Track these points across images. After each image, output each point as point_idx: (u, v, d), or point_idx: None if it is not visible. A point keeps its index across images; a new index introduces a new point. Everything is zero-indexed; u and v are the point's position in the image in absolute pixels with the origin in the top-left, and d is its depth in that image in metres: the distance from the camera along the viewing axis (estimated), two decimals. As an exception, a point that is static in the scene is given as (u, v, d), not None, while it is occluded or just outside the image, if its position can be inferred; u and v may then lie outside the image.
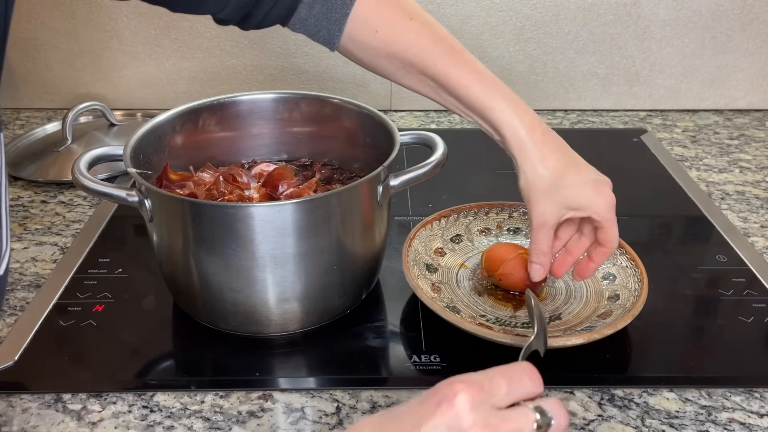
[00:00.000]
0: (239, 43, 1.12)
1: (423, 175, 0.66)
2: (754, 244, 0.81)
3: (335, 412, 0.58)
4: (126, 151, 0.64)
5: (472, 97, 0.63)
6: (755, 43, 1.13)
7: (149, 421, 0.57)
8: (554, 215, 0.62)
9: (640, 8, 1.10)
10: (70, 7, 1.10)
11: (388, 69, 0.66)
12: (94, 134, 1.01)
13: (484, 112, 0.63)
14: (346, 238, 0.64)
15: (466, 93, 0.63)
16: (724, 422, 0.57)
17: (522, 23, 1.12)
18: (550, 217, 0.62)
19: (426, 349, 0.63)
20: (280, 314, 0.64)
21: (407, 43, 0.63)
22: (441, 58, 0.63)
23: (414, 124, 1.14)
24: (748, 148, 1.06)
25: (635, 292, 0.66)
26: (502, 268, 0.67)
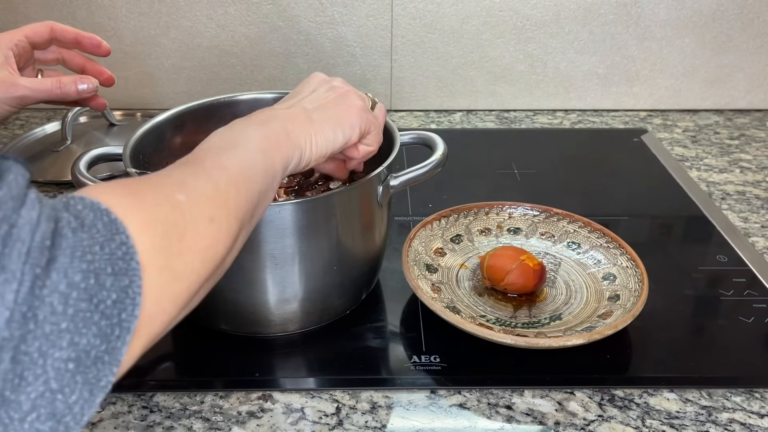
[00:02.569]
0: (239, 43, 1.12)
1: (423, 175, 0.66)
2: (755, 245, 0.81)
3: (335, 412, 0.57)
4: (126, 151, 0.64)
5: None
6: (756, 43, 1.13)
7: (149, 422, 0.56)
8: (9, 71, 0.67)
9: (641, 8, 1.10)
10: (70, 7, 1.09)
11: None
12: (94, 134, 1.01)
13: None
14: (346, 238, 0.64)
15: None
16: (725, 422, 0.57)
17: (522, 23, 1.11)
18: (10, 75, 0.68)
19: (426, 349, 0.63)
20: (280, 314, 0.64)
21: None
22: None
23: (414, 124, 1.13)
24: (749, 148, 1.06)
25: (635, 293, 0.66)
26: (507, 278, 0.67)
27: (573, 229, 0.76)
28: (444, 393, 0.59)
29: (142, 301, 0.33)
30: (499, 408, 0.58)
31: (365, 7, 1.10)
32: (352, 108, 0.57)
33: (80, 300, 0.31)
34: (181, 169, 0.44)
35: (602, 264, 0.72)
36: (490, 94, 1.17)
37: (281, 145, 0.50)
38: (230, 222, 0.42)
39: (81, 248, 0.31)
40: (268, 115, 0.53)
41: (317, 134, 0.53)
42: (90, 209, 0.33)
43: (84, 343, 0.31)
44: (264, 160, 0.48)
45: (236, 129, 0.50)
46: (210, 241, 0.40)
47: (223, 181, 0.43)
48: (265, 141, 0.49)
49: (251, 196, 0.45)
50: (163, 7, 1.09)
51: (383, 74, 1.15)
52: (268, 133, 0.50)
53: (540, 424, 0.56)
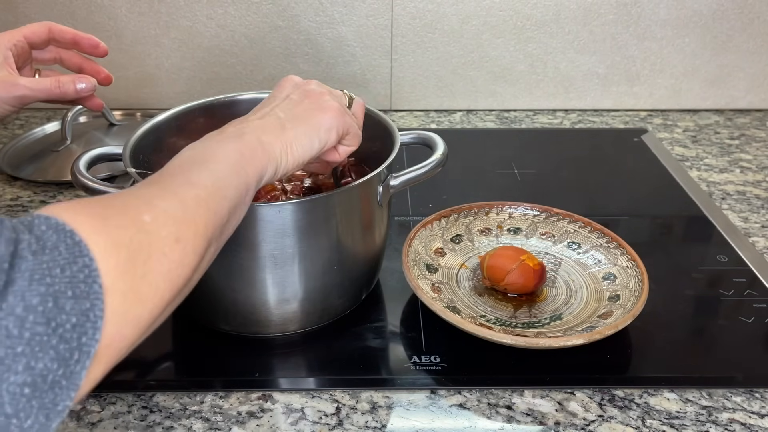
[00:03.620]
0: (239, 42, 1.12)
1: (423, 175, 0.66)
2: (755, 244, 0.81)
3: (335, 412, 0.57)
4: (125, 151, 0.64)
5: None
6: (756, 43, 1.12)
7: (149, 422, 0.56)
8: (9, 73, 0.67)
9: (641, 8, 1.10)
10: (70, 7, 1.09)
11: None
12: (94, 134, 1.01)
13: None
14: (346, 238, 0.64)
15: None
16: (725, 423, 0.57)
17: (522, 23, 1.11)
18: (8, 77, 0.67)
19: (426, 349, 0.63)
20: (280, 314, 0.64)
21: None
22: None
23: (414, 124, 1.13)
24: (749, 148, 1.06)
25: (636, 293, 0.66)
26: (507, 278, 0.67)
27: (573, 229, 0.76)
28: (444, 393, 0.59)
29: (104, 325, 0.33)
30: (499, 408, 0.58)
31: (365, 7, 1.10)
32: (327, 111, 0.56)
33: (37, 324, 0.30)
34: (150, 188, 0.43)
35: (602, 264, 0.72)
36: (490, 94, 1.17)
37: (255, 158, 0.49)
38: (197, 241, 0.41)
39: (40, 271, 0.31)
40: (241, 128, 0.52)
41: (293, 143, 0.53)
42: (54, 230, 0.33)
43: (40, 367, 0.30)
44: (237, 175, 0.47)
45: (208, 143, 0.49)
46: (175, 263, 0.39)
47: (192, 199, 0.42)
48: (238, 155, 0.48)
49: (221, 212, 0.45)
50: (163, 7, 1.09)
51: (383, 74, 1.15)
52: (241, 147, 0.49)
53: (540, 424, 0.56)
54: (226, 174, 0.46)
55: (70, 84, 0.68)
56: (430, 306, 0.63)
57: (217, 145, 0.49)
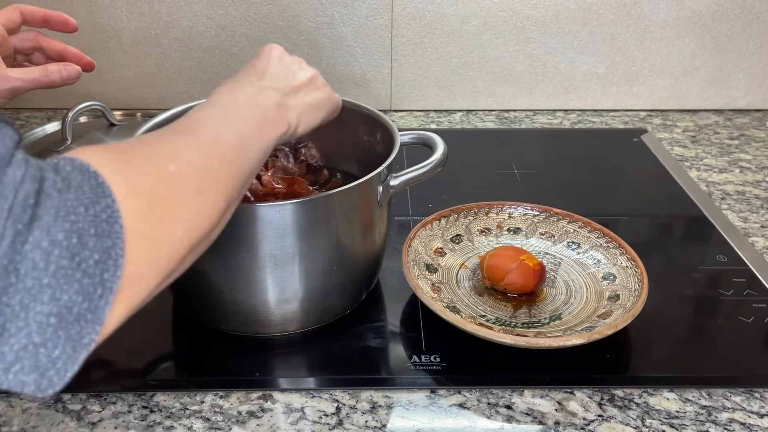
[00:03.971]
0: (239, 43, 1.12)
1: (423, 175, 0.66)
2: (755, 244, 0.81)
3: (335, 412, 0.58)
4: (126, 151, 0.64)
5: None
6: (755, 43, 1.13)
7: (149, 421, 0.57)
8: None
9: (641, 8, 1.10)
10: (70, 7, 1.09)
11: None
12: (94, 134, 1.01)
13: None
14: (346, 238, 0.64)
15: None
16: (725, 422, 0.57)
17: (522, 23, 1.12)
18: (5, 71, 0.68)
19: (426, 349, 0.63)
20: (280, 314, 0.64)
21: None
22: None
23: (414, 124, 1.14)
24: (749, 148, 1.06)
25: (635, 292, 0.66)
26: (506, 278, 0.67)
27: (573, 229, 0.76)
28: (444, 393, 0.59)
29: (124, 264, 0.34)
30: (499, 408, 0.58)
31: (365, 7, 1.10)
32: (324, 90, 0.60)
33: (62, 257, 0.31)
34: (178, 137, 0.44)
35: (602, 264, 0.72)
36: (490, 94, 1.17)
37: (277, 122, 0.51)
38: (217, 197, 0.42)
39: (65, 208, 0.32)
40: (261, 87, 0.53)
41: (304, 113, 0.56)
42: (79, 171, 0.34)
43: (66, 299, 0.31)
44: (259, 137, 0.49)
45: (231, 98, 0.51)
46: (194, 214, 0.40)
47: (217, 154, 0.43)
48: (261, 117, 0.50)
49: (243, 172, 0.46)
50: (163, 7, 1.09)
51: (383, 74, 1.15)
52: (263, 110, 0.51)
53: (540, 423, 0.56)
54: (250, 135, 0.48)
55: (57, 72, 0.70)
56: (430, 306, 0.63)
57: (242, 102, 0.50)
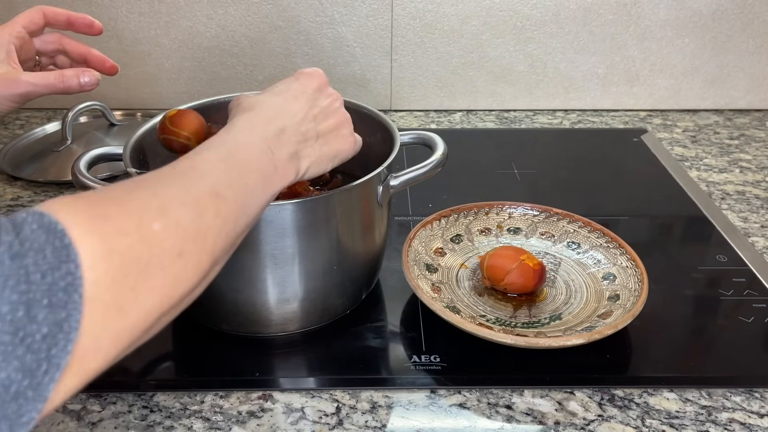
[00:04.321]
0: (239, 43, 1.12)
1: (423, 175, 0.66)
2: (755, 244, 0.81)
3: (335, 412, 0.58)
4: (126, 151, 0.64)
5: None
6: (755, 43, 1.13)
7: (149, 422, 0.57)
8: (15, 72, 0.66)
9: (641, 8, 1.10)
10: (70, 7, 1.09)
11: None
12: (94, 134, 1.01)
13: None
14: (346, 238, 0.64)
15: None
16: (725, 422, 0.57)
17: (522, 23, 1.12)
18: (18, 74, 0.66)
19: (426, 349, 0.63)
20: (280, 314, 0.64)
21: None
22: None
23: (414, 124, 1.14)
24: (749, 148, 1.06)
25: (635, 292, 0.66)
26: (506, 278, 0.67)
27: (573, 229, 0.76)
28: (444, 393, 0.59)
29: (78, 337, 0.31)
30: (499, 408, 0.58)
31: (365, 7, 1.10)
32: (347, 143, 0.57)
33: (2, 332, 0.28)
34: (169, 188, 0.39)
35: (602, 264, 0.72)
36: (490, 94, 1.17)
37: (286, 172, 0.49)
38: (202, 258, 0.38)
39: (16, 276, 0.29)
40: (281, 129, 0.50)
41: (317, 162, 0.53)
42: (45, 230, 0.31)
43: (2, 377, 0.28)
44: (263, 189, 0.46)
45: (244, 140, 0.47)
46: (172, 278, 0.36)
47: (212, 212, 0.40)
48: (272, 167, 0.47)
49: (237, 230, 0.42)
50: (163, 7, 1.09)
51: (383, 74, 1.15)
52: (277, 158, 0.47)
53: (540, 423, 0.56)
54: (254, 189, 0.45)
55: (74, 78, 0.68)
56: (430, 306, 0.63)
57: (255, 149, 0.46)
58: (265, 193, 0.46)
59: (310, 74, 0.57)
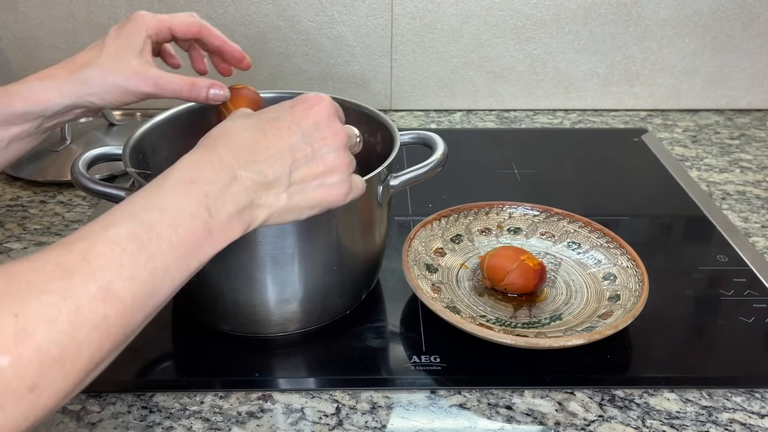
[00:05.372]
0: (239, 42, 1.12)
1: (423, 175, 0.66)
2: (755, 244, 0.81)
3: (335, 412, 0.57)
4: (125, 151, 0.64)
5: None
6: (756, 43, 1.12)
7: (148, 422, 0.56)
8: (145, 67, 0.60)
9: (641, 8, 1.10)
10: (70, 7, 1.09)
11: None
12: (94, 134, 1.01)
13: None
14: (346, 238, 0.64)
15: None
16: (725, 423, 0.57)
17: (522, 23, 1.11)
18: (147, 72, 0.60)
19: (426, 350, 0.63)
20: (280, 314, 0.64)
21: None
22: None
23: (414, 124, 1.13)
24: (749, 147, 1.06)
25: (636, 293, 0.66)
26: (507, 278, 0.67)
27: (573, 229, 0.76)
28: (444, 393, 0.59)
29: None
30: (499, 408, 0.58)
31: (365, 6, 1.10)
32: (331, 195, 0.49)
33: None
34: (44, 295, 0.32)
35: (602, 264, 0.72)
36: (490, 94, 1.17)
37: (227, 231, 0.41)
38: (67, 380, 0.32)
39: None
40: (232, 176, 0.42)
41: (280, 213, 0.46)
42: None
43: None
44: (187, 263, 0.39)
45: (174, 207, 0.39)
46: (14, 419, 0.30)
47: (94, 322, 0.33)
48: (205, 232, 0.39)
49: (135, 322, 0.36)
50: (163, 6, 1.09)
51: (383, 74, 1.15)
52: (216, 219, 0.40)
53: (540, 424, 0.56)
54: (171, 267, 0.37)
55: (204, 90, 0.62)
56: (430, 306, 0.63)
57: (187, 211, 0.38)
58: (190, 265, 0.39)
59: (312, 104, 0.49)
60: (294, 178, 0.46)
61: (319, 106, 0.49)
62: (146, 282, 0.36)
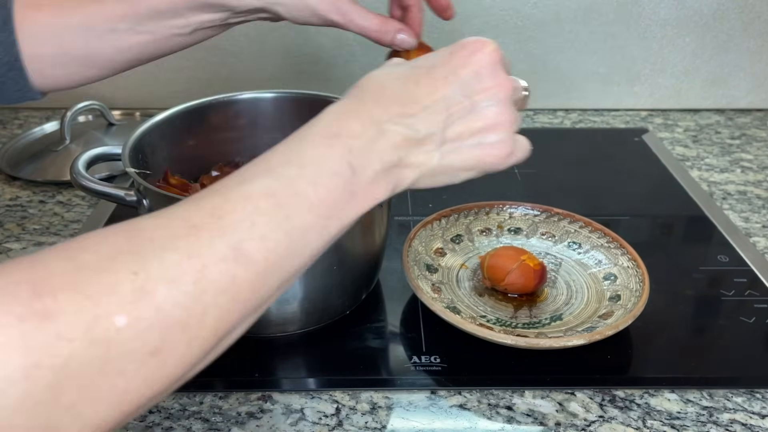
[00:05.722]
0: (239, 42, 1.12)
1: (423, 174, 0.66)
2: (756, 245, 0.80)
3: (335, 413, 0.57)
4: (124, 151, 0.64)
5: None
6: (756, 43, 1.12)
7: (148, 422, 0.56)
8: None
9: (641, 7, 1.10)
10: (70, 7, 1.09)
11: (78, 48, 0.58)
12: (93, 134, 1.01)
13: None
14: (345, 238, 0.63)
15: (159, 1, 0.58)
16: (726, 423, 0.57)
17: (522, 22, 1.11)
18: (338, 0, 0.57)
19: (426, 350, 0.63)
20: (280, 315, 0.64)
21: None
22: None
23: (414, 124, 1.13)
24: (750, 147, 1.06)
25: (636, 293, 0.66)
26: (507, 278, 0.66)
27: (574, 229, 0.76)
28: (444, 393, 0.59)
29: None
30: (499, 409, 0.58)
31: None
32: (492, 155, 0.43)
33: None
34: (166, 253, 0.29)
35: (603, 264, 0.72)
36: (490, 93, 1.17)
37: (372, 192, 0.38)
38: (193, 347, 0.30)
39: None
40: (380, 130, 0.38)
41: (431, 173, 0.41)
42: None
43: None
44: (326, 227, 0.35)
45: (314, 160, 0.35)
46: (138, 383, 0.28)
47: (222, 284, 0.30)
48: (346, 193, 0.36)
49: (259, 297, 0.33)
50: (163, 6, 1.09)
51: (383, 74, 1.15)
52: (359, 177, 0.36)
53: (540, 424, 0.56)
54: (310, 229, 0.34)
55: (392, 32, 0.59)
56: (430, 306, 0.63)
57: (328, 167, 0.35)
58: (330, 228, 0.36)
59: (473, 50, 0.42)
60: (448, 135, 0.40)
61: (482, 53, 0.43)
62: (280, 243, 0.33)
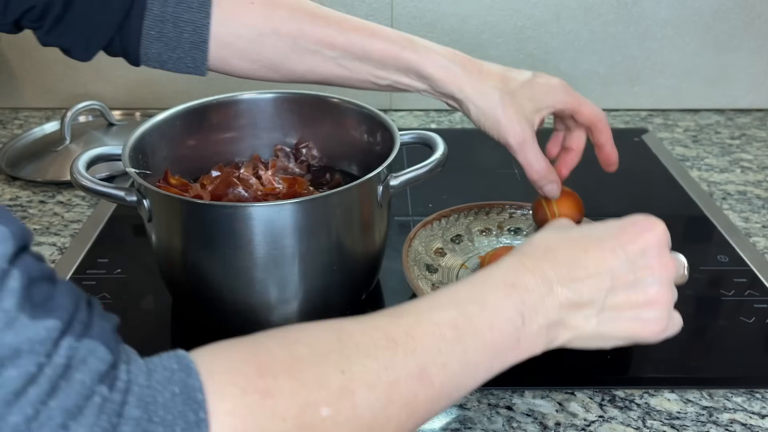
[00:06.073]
0: (239, 42, 1.12)
1: (423, 175, 0.66)
2: (756, 245, 0.80)
3: (335, 413, 0.57)
4: (125, 151, 0.64)
5: (384, 52, 0.60)
6: (757, 43, 1.12)
7: (148, 422, 0.56)
8: (527, 125, 0.59)
9: (641, 7, 1.10)
10: None
11: (274, 54, 0.62)
12: (93, 134, 1.01)
13: (406, 64, 0.61)
14: (346, 238, 0.63)
15: (374, 49, 0.61)
16: (726, 423, 0.57)
17: (522, 22, 1.11)
18: (525, 129, 0.59)
19: (426, 350, 0.63)
20: (280, 315, 0.64)
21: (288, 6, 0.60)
22: (335, 23, 0.62)
23: (414, 124, 1.13)
24: (750, 147, 1.06)
25: (636, 293, 0.66)
26: None
27: (573, 229, 0.76)
28: (444, 393, 0.59)
29: None
30: (499, 408, 0.58)
31: (365, 6, 1.10)
32: (644, 331, 0.44)
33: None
34: (367, 360, 0.33)
35: (603, 264, 0.72)
36: (490, 93, 1.17)
37: (531, 345, 0.40)
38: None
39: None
40: (551, 291, 0.40)
41: (584, 337, 0.43)
42: (182, 397, 0.28)
43: None
44: (488, 368, 0.38)
45: (493, 305, 0.39)
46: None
47: (406, 398, 0.33)
48: (513, 340, 0.38)
49: (429, 414, 0.35)
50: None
51: (383, 74, 1.15)
52: (527, 329, 0.39)
53: (540, 424, 0.56)
54: (476, 367, 0.38)
55: (545, 180, 0.62)
56: (430, 306, 0.63)
57: (503, 314, 0.38)
58: (494, 368, 0.39)
59: (642, 229, 0.45)
60: (608, 304, 0.42)
61: (651, 233, 0.45)
62: (456, 373, 0.36)
